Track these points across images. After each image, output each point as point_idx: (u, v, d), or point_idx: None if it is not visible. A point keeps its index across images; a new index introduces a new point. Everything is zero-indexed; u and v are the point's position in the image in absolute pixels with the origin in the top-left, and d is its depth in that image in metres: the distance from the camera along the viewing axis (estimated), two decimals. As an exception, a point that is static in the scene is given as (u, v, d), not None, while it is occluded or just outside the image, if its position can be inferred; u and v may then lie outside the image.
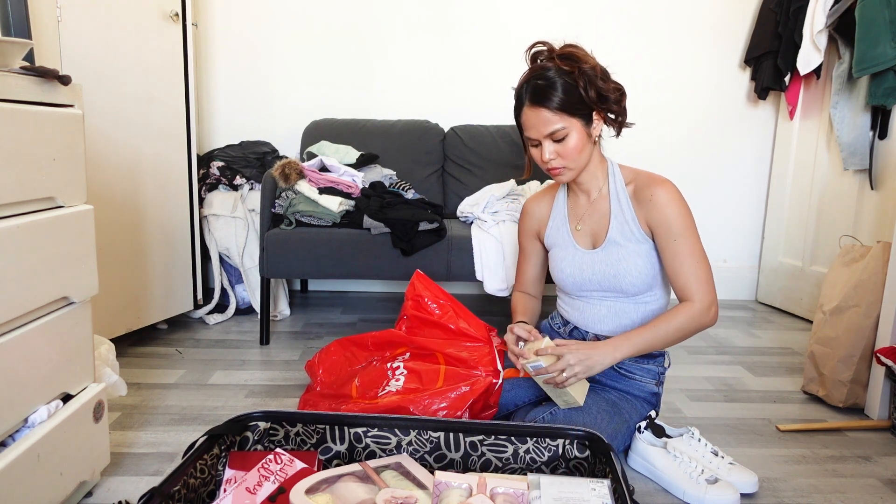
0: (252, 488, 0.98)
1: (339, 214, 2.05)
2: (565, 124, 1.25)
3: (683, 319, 1.27)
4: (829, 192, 2.43)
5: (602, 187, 1.38)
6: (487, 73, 2.71)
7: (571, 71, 1.24)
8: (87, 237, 1.11)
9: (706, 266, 1.29)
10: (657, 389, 1.41)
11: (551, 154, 1.28)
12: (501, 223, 2.02)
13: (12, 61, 0.99)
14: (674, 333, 1.27)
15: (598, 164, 1.37)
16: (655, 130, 2.79)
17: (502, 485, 0.98)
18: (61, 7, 1.66)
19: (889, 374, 1.54)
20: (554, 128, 1.26)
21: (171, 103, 2.07)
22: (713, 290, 1.29)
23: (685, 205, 1.30)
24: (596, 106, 1.28)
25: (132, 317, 2.00)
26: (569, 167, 1.31)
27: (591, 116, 1.29)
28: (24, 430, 0.98)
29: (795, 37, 2.38)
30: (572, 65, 1.25)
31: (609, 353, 1.25)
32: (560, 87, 1.24)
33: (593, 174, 1.38)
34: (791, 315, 2.64)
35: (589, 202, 1.40)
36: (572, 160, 1.29)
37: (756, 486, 1.24)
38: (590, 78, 1.25)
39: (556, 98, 1.24)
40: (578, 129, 1.27)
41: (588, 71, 1.25)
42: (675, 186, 1.31)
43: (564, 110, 1.25)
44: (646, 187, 1.32)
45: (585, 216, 1.40)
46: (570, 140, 1.27)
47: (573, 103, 1.25)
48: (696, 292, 1.27)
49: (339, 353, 1.58)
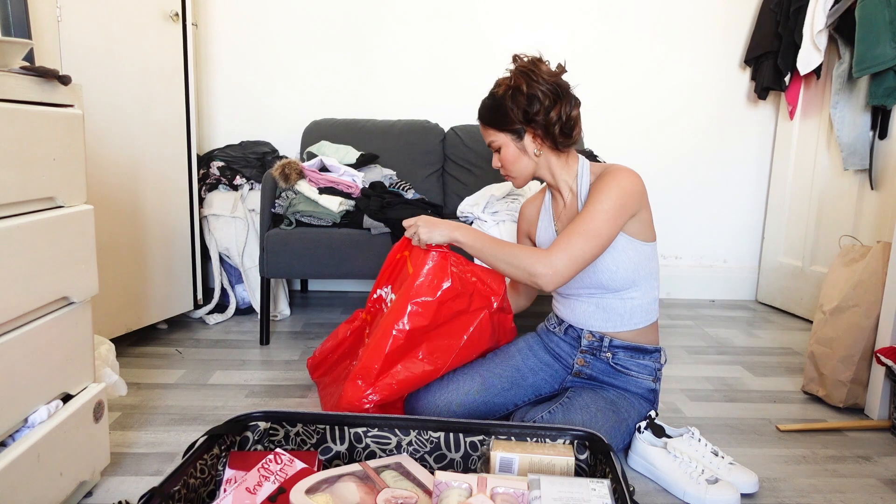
0: (252, 488, 0.98)
1: (339, 214, 2.05)
2: (495, 138, 1.39)
3: (524, 254, 1.29)
4: (829, 192, 2.43)
5: (573, 187, 1.41)
6: (488, 73, 2.71)
7: (504, 93, 1.34)
8: (87, 237, 1.11)
9: (583, 246, 1.26)
10: (654, 386, 1.41)
11: (496, 162, 1.42)
12: (501, 223, 2.02)
13: (12, 61, 0.99)
14: (507, 257, 1.30)
15: (562, 167, 1.40)
16: (655, 130, 2.79)
17: (502, 485, 0.98)
18: (61, 7, 1.66)
19: (889, 374, 1.54)
20: (489, 140, 1.40)
21: (171, 103, 2.07)
22: (570, 263, 1.25)
23: (620, 189, 1.28)
24: (522, 124, 1.35)
25: (132, 317, 2.00)
26: (511, 175, 1.42)
27: (523, 132, 1.36)
28: (24, 430, 0.98)
29: (795, 37, 2.38)
30: (506, 86, 1.34)
31: (449, 228, 1.35)
32: (491, 106, 1.37)
33: (558, 177, 1.41)
34: (791, 315, 2.64)
35: (565, 204, 1.43)
36: (511, 169, 1.41)
37: (756, 486, 1.24)
38: (516, 99, 1.32)
39: (487, 115, 1.39)
40: (507, 142, 1.38)
41: (519, 91, 1.31)
42: (629, 174, 1.30)
43: (492, 126, 1.38)
44: (601, 177, 1.33)
45: (563, 217, 1.44)
46: (504, 151, 1.39)
47: (498, 120, 1.36)
48: (556, 250, 1.26)
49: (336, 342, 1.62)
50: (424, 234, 1.36)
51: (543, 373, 1.46)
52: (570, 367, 1.45)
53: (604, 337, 1.40)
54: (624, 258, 1.33)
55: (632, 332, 1.39)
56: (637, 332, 1.40)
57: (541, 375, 1.46)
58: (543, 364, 1.47)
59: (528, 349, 1.50)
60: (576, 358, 1.43)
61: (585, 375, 1.43)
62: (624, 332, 1.39)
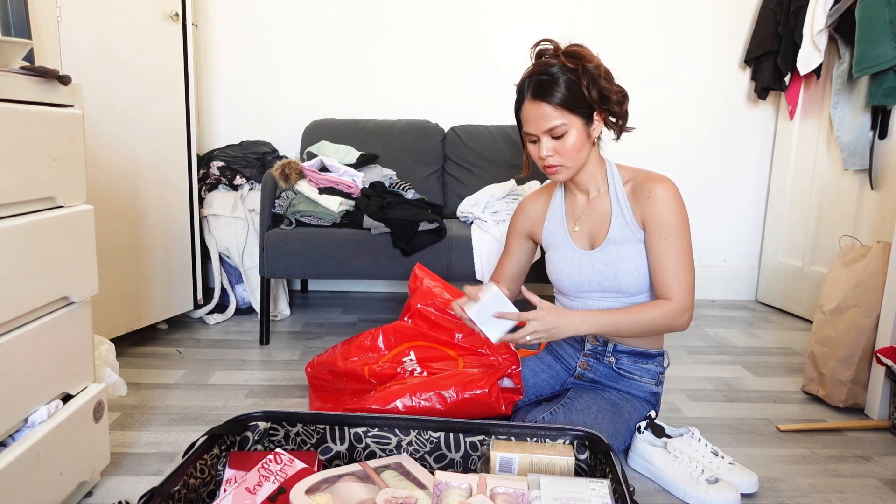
0: (252, 488, 0.98)
1: (339, 214, 2.05)
2: (565, 121, 1.25)
3: (657, 315, 1.27)
4: (829, 192, 2.43)
5: (601, 187, 1.38)
6: (487, 72, 2.71)
7: (575, 68, 1.24)
8: (87, 237, 1.11)
9: (691, 271, 1.28)
10: (657, 389, 1.40)
11: (549, 151, 1.28)
12: (501, 223, 2.02)
13: (12, 61, 0.99)
14: (643, 325, 1.27)
15: (596, 165, 1.37)
16: (656, 131, 2.79)
17: (502, 485, 0.98)
18: (61, 7, 1.66)
19: (889, 374, 1.54)
20: (553, 123, 1.25)
21: (171, 103, 2.07)
22: (692, 296, 1.28)
23: (682, 205, 1.29)
24: (597, 106, 1.27)
25: (132, 317, 2.00)
26: (566, 165, 1.30)
27: (591, 116, 1.28)
28: (24, 430, 0.98)
29: (795, 37, 2.37)
30: (576, 62, 1.24)
31: (574, 326, 1.26)
32: (563, 83, 1.24)
33: (591, 174, 1.37)
34: (791, 315, 2.64)
35: (587, 202, 1.40)
36: (570, 158, 1.29)
37: (756, 486, 1.24)
38: (593, 77, 1.24)
39: (559, 93, 1.24)
40: (578, 127, 1.27)
41: (592, 70, 1.25)
42: (674, 185, 1.30)
43: (565, 106, 1.24)
44: (644, 183, 1.31)
45: (583, 216, 1.40)
46: (568, 138, 1.27)
47: (574, 100, 1.24)
48: (676, 294, 1.27)
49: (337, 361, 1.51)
50: (547, 339, 1.26)
51: (545, 374, 1.46)
52: (572, 369, 1.44)
53: (608, 341, 1.39)
54: (646, 263, 1.32)
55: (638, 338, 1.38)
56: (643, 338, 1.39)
57: (542, 377, 1.45)
58: (545, 365, 1.47)
59: (528, 349, 1.50)
60: (578, 361, 1.43)
61: (587, 378, 1.42)
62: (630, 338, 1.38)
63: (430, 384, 1.32)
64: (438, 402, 1.29)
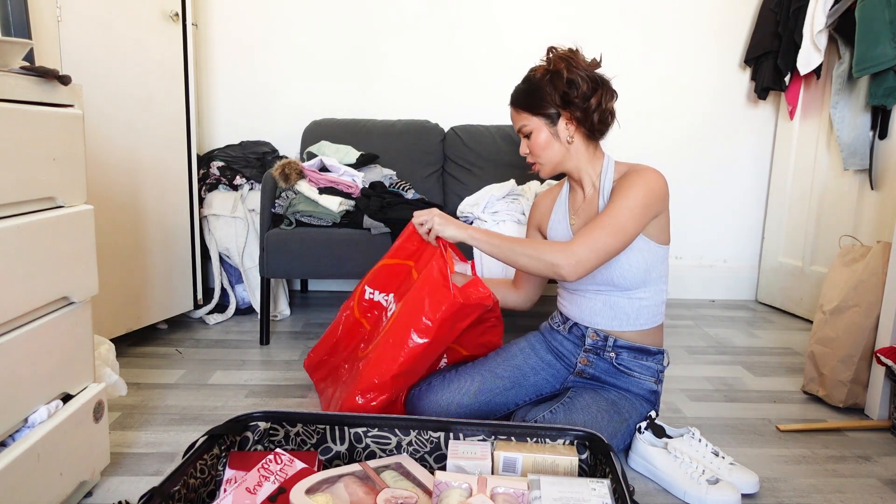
0: (252, 488, 0.98)
1: (339, 214, 2.05)
2: (527, 122, 1.37)
3: (545, 247, 1.28)
4: (829, 192, 2.43)
5: (595, 182, 1.41)
6: (487, 73, 2.71)
7: (543, 75, 1.34)
8: (87, 237, 1.11)
9: (607, 239, 1.25)
10: (656, 387, 1.41)
11: (524, 149, 1.41)
12: (501, 223, 2.02)
13: (12, 61, 0.99)
14: (527, 250, 1.28)
15: (588, 160, 1.40)
16: (656, 130, 2.79)
17: (502, 485, 0.98)
18: (61, 7, 1.66)
19: (889, 374, 1.54)
20: (519, 125, 1.39)
21: (171, 103, 2.07)
22: (593, 256, 1.25)
23: (647, 190, 1.28)
24: (560, 108, 1.34)
25: (132, 317, 2.00)
26: (539, 162, 1.41)
27: (557, 117, 1.35)
28: (24, 430, 0.98)
29: (795, 37, 2.38)
30: (546, 69, 1.34)
31: (461, 227, 1.36)
32: (525, 89, 1.37)
33: (583, 170, 1.40)
34: (791, 315, 2.64)
35: (585, 197, 1.43)
36: (538, 156, 1.40)
37: (757, 486, 1.24)
38: (555, 82, 1.32)
39: (522, 98, 1.37)
40: (540, 127, 1.36)
41: (559, 74, 1.31)
42: (656, 175, 1.30)
43: (526, 109, 1.37)
44: (627, 174, 1.33)
45: (581, 211, 1.43)
46: (535, 137, 1.37)
47: (535, 104, 1.35)
48: (577, 242, 1.25)
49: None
50: (438, 226, 1.36)
51: (545, 372, 1.46)
52: (573, 366, 1.45)
53: (608, 336, 1.39)
54: (638, 258, 1.33)
55: (637, 333, 1.39)
56: (642, 333, 1.39)
57: (542, 375, 1.46)
58: (545, 363, 1.47)
59: (529, 348, 1.50)
60: (579, 357, 1.43)
61: (588, 375, 1.43)
62: (629, 333, 1.39)
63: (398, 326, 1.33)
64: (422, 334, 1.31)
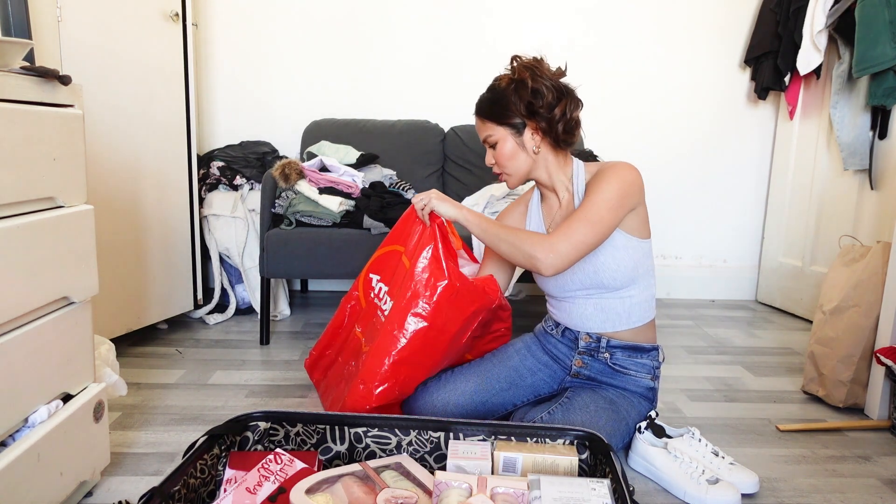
0: (252, 488, 0.98)
1: (340, 214, 2.05)
2: (492, 132, 1.36)
3: (527, 237, 1.28)
4: (829, 192, 2.43)
5: (569, 186, 1.40)
6: (488, 73, 2.70)
7: (507, 85, 1.33)
8: (87, 237, 1.11)
9: (585, 231, 1.25)
10: (653, 384, 1.41)
11: (490, 159, 1.40)
12: (501, 223, 2.02)
13: (12, 61, 0.99)
14: (510, 238, 1.29)
15: (558, 168, 1.39)
16: (655, 131, 2.79)
17: (502, 485, 0.98)
18: (61, 7, 1.66)
19: (889, 374, 1.54)
20: (484, 135, 1.38)
21: (171, 103, 2.07)
22: (572, 249, 1.25)
23: (623, 181, 1.27)
24: (525, 118, 1.33)
25: (132, 317, 2.00)
26: (506, 172, 1.39)
27: (523, 127, 1.34)
28: (24, 430, 0.98)
29: (795, 37, 2.38)
30: (510, 80, 1.33)
31: (456, 206, 1.36)
32: (490, 99, 1.35)
33: (554, 176, 1.39)
34: (791, 315, 2.64)
35: (560, 203, 1.42)
36: (504, 167, 1.38)
37: (757, 486, 1.24)
38: (520, 93, 1.31)
39: (485, 108, 1.36)
40: (506, 137, 1.35)
41: (524, 83, 1.30)
42: (630, 167, 1.30)
43: (491, 119, 1.35)
44: (601, 171, 1.33)
45: (557, 217, 1.42)
46: (500, 147, 1.36)
47: (498, 113, 1.34)
48: (557, 235, 1.26)
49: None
50: (434, 202, 1.35)
51: (542, 373, 1.46)
52: (569, 367, 1.44)
53: (601, 338, 1.39)
54: (624, 256, 1.33)
55: (630, 332, 1.39)
56: (635, 330, 1.39)
57: (539, 376, 1.46)
58: (542, 365, 1.47)
59: (525, 350, 1.50)
60: (574, 359, 1.43)
61: (584, 376, 1.43)
62: (622, 332, 1.39)
63: (397, 312, 1.33)
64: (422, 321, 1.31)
